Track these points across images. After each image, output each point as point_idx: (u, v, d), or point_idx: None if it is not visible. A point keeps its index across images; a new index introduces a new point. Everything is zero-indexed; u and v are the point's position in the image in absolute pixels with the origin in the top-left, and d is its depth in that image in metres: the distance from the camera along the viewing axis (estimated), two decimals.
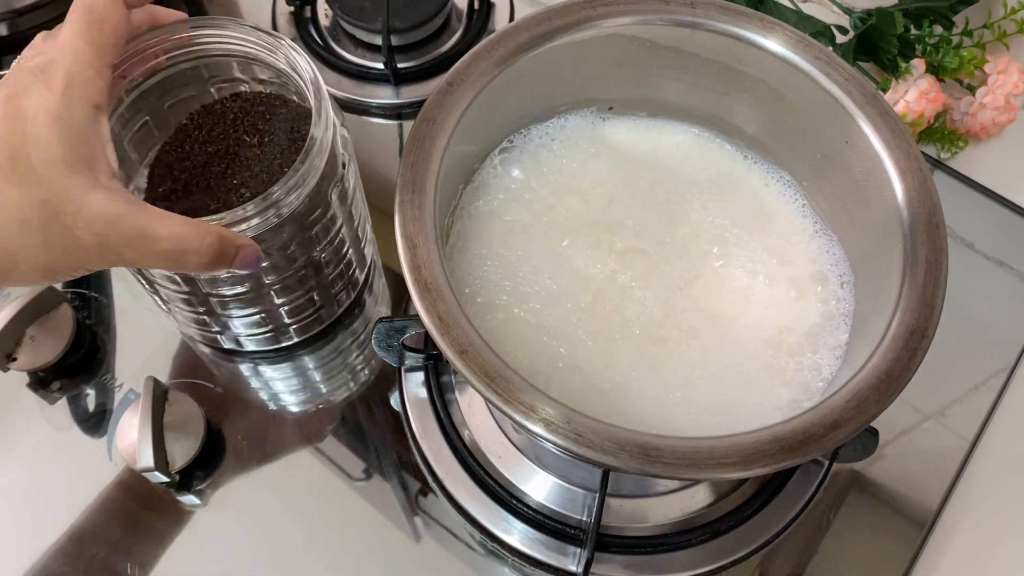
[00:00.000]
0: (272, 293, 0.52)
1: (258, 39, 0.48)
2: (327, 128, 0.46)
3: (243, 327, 0.55)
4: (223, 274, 0.47)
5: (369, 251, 0.61)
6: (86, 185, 0.34)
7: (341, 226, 0.53)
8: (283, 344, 0.59)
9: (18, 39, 0.70)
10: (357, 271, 0.59)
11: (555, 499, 0.54)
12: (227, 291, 0.50)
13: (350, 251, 0.57)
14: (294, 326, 0.57)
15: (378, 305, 0.63)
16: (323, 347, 0.61)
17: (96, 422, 0.57)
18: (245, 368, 0.60)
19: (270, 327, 0.56)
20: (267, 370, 0.60)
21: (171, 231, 0.37)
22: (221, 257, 0.38)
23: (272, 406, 0.59)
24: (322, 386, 0.60)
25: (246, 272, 0.42)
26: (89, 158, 0.35)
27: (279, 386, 0.60)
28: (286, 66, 0.48)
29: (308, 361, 0.61)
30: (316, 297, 0.56)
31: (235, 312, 0.53)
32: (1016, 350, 0.61)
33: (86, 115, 0.35)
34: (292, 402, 0.59)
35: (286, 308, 0.55)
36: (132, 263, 0.37)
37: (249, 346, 0.58)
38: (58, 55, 0.35)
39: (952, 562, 0.53)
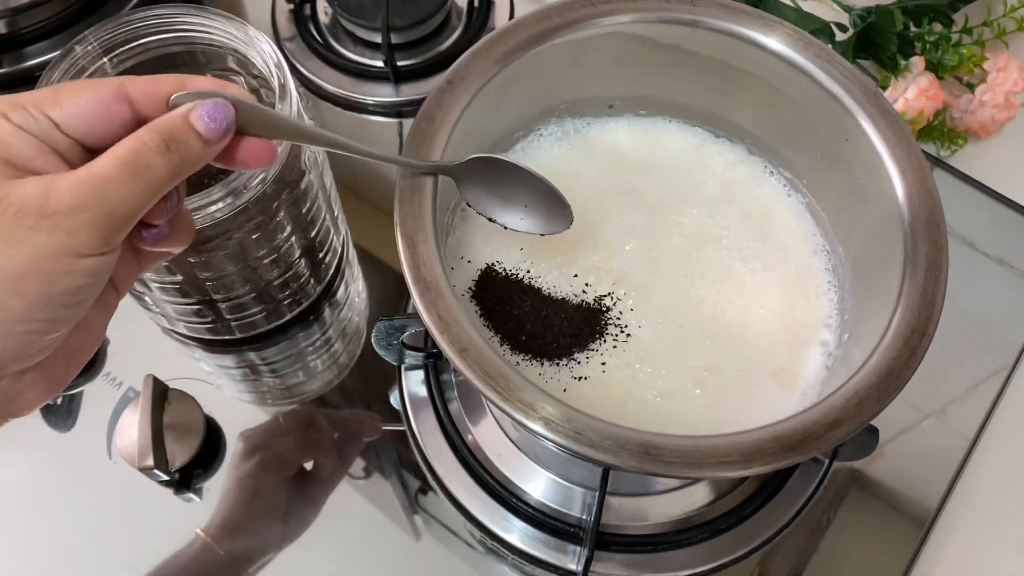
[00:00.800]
0: (261, 269, 0.52)
1: (221, 25, 0.49)
2: (291, 109, 0.47)
3: (236, 310, 0.55)
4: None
5: (342, 230, 0.62)
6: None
7: (317, 204, 0.53)
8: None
9: (16, 38, 0.70)
10: (335, 239, 0.60)
11: (555, 497, 0.54)
12: (217, 273, 0.50)
13: (331, 236, 0.57)
14: (286, 301, 0.58)
15: (370, 307, 0.63)
16: (315, 331, 0.61)
17: (96, 421, 0.57)
18: (243, 365, 0.60)
19: (265, 305, 0.56)
20: (264, 367, 0.60)
21: (114, 153, 0.30)
22: (176, 142, 0.31)
23: (271, 405, 0.59)
24: (321, 385, 0.60)
25: (218, 138, 0.33)
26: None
27: (278, 384, 0.60)
28: (251, 49, 0.49)
29: (307, 357, 0.61)
30: (305, 270, 0.56)
31: (227, 294, 0.53)
32: (1016, 349, 0.61)
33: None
34: (291, 400, 0.59)
35: (277, 283, 0.55)
36: (104, 224, 0.30)
37: (241, 332, 0.58)
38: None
39: (952, 560, 0.53)
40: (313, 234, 0.55)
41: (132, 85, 0.32)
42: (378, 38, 0.71)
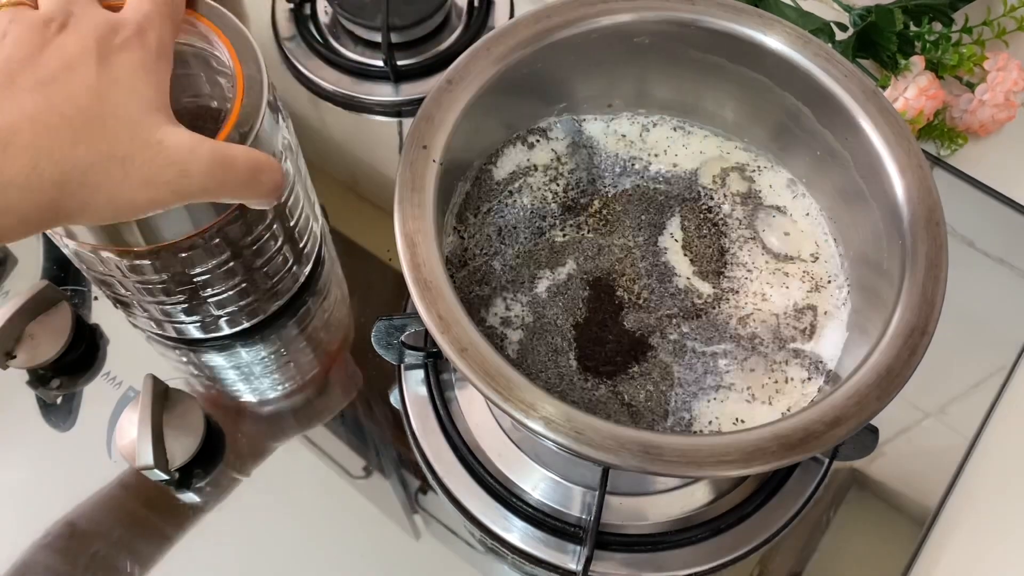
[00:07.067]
0: (251, 254, 0.53)
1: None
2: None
3: (225, 304, 0.55)
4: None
5: (318, 224, 0.62)
6: (164, 122, 0.38)
7: (295, 191, 0.54)
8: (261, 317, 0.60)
9: None
10: (314, 225, 0.60)
11: (555, 497, 0.54)
12: (203, 267, 0.50)
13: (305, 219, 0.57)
14: (273, 290, 0.58)
15: (370, 306, 0.63)
16: (315, 332, 0.61)
17: (95, 420, 0.57)
18: (241, 364, 0.60)
19: (252, 297, 0.56)
20: (261, 365, 0.60)
21: (246, 153, 0.40)
22: (279, 182, 0.42)
23: (271, 404, 0.59)
24: (321, 384, 0.60)
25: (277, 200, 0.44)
26: (166, 103, 0.39)
27: (277, 383, 0.60)
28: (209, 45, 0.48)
29: (308, 357, 0.61)
30: (289, 257, 0.57)
31: (218, 288, 0.53)
32: (1016, 348, 0.61)
33: (168, 70, 0.40)
34: (292, 400, 0.59)
35: (264, 270, 0.55)
36: (209, 193, 0.39)
37: (234, 325, 0.58)
38: (145, 22, 0.39)
39: (951, 560, 0.53)
40: (292, 223, 0.55)
41: None
42: (378, 37, 0.71)
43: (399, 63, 0.71)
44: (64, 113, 0.36)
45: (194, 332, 0.58)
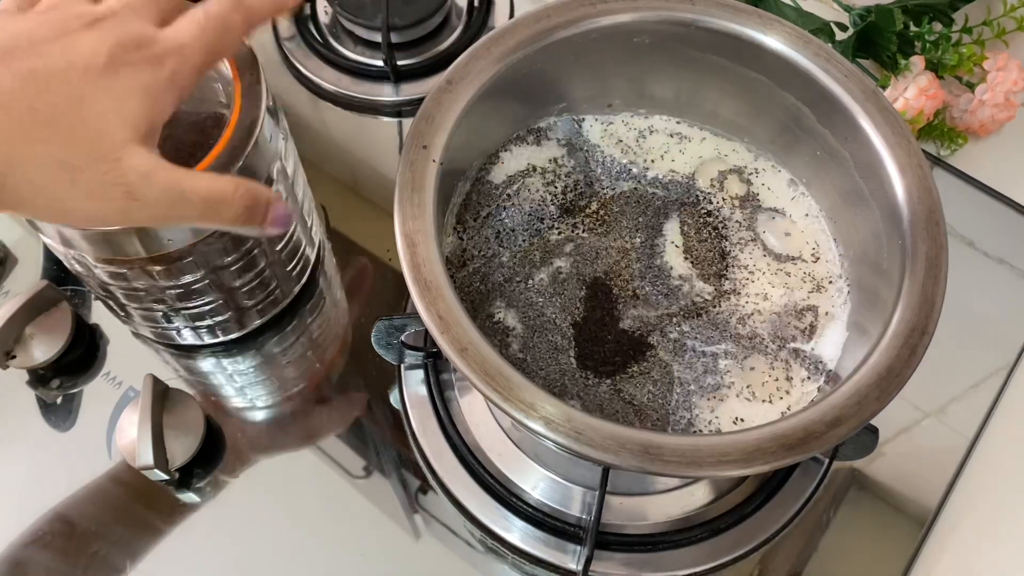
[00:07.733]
0: (230, 274, 0.52)
1: None
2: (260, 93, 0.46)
3: (217, 312, 0.55)
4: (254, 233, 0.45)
5: (317, 232, 0.62)
6: (136, 143, 0.36)
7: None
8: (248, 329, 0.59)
9: None
10: (307, 249, 0.60)
11: (555, 497, 0.54)
12: (193, 275, 0.50)
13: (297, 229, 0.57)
14: (256, 307, 0.58)
15: (370, 306, 0.63)
16: (314, 331, 0.61)
17: (95, 420, 0.57)
18: (237, 369, 0.60)
19: (229, 313, 0.56)
20: (257, 370, 0.60)
21: (207, 184, 0.38)
22: (254, 209, 0.39)
23: (271, 405, 0.59)
24: (321, 385, 0.60)
25: (278, 232, 0.42)
26: (152, 131, 0.38)
27: (276, 385, 0.60)
28: None
29: (306, 356, 0.61)
30: (271, 276, 0.56)
31: (209, 296, 0.53)
32: (1016, 348, 0.61)
33: (174, 103, 0.38)
34: (291, 401, 0.59)
35: (244, 290, 0.55)
36: (164, 219, 0.38)
37: (227, 333, 0.58)
38: (175, 50, 0.38)
39: (952, 560, 0.53)
40: (281, 245, 0.55)
41: None
42: (378, 37, 0.71)
43: (399, 63, 0.71)
44: (34, 107, 0.35)
45: (188, 338, 0.58)
